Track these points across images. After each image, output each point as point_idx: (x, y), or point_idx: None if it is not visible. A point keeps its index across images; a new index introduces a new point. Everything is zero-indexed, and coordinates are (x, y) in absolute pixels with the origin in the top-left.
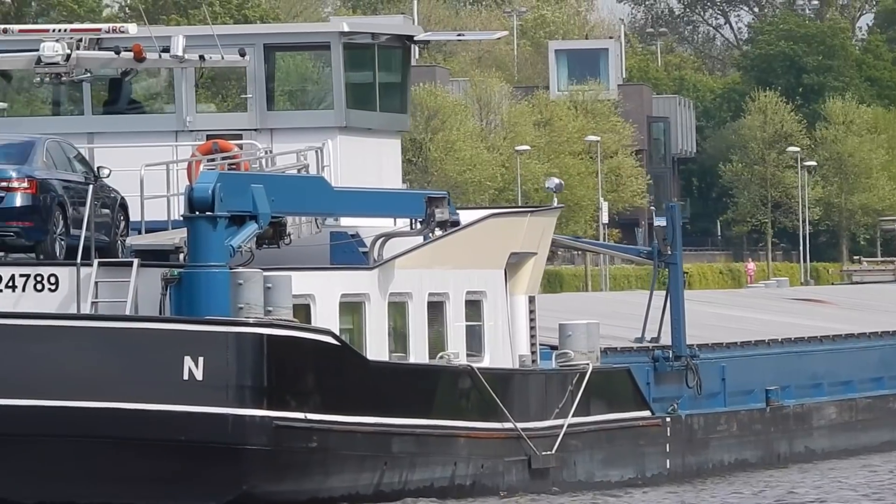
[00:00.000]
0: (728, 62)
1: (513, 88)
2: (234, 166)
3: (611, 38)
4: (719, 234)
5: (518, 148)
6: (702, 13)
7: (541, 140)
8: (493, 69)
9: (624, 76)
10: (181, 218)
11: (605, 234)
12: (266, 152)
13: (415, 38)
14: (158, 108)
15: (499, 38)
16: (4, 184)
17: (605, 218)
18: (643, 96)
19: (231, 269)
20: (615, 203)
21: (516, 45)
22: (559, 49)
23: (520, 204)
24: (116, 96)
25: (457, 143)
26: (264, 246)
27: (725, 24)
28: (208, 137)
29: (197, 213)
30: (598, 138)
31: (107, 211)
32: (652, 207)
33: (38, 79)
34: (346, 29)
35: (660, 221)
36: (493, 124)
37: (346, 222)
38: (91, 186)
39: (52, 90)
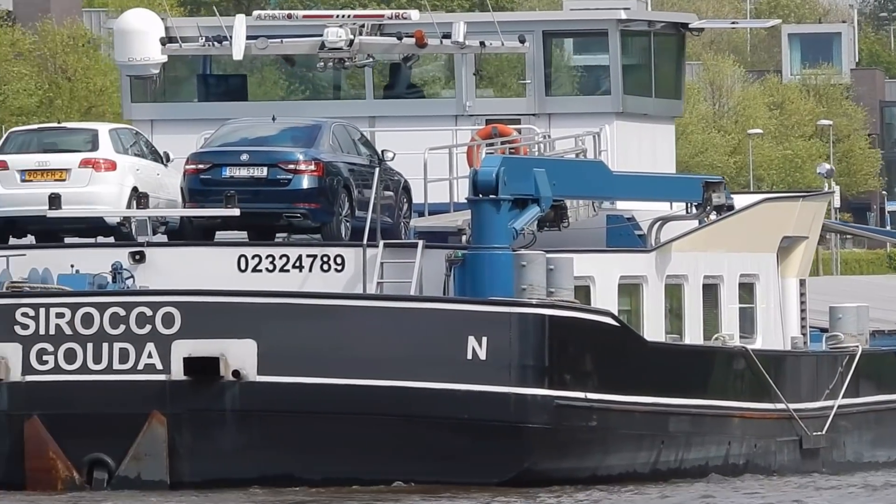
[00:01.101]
0: None
1: (745, 72)
2: (513, 151)
3: (843, 22)
4: None
5: (750, 131)
6: None
7: (772, 123)
8: (726, 53)
9: (856, 60)
10: (465, 201)
11: (836, 217)
12: (544, 137)
13: (689, 26)
14: (437, 93)
15: (772, 27)
16: (292, 166)
17: (836, 202)
18: (876, 81)
19: (514, 251)
20: (847, 187)
21: (749, 28)
22: (792, 33)
23: (751, 188)
24: (396, 81)
25: (689, 127)
26: (545, 229)
27: None
28: (487, 122)
29: (481, 196)
30: (831, 122)
31: (390, 193)
32: (884, 192)
33: (322, 64)
34: (623, 17)
35: (892, 206)
36: (726, 108)
37: (621, 205)
38: (377, 169)
39: (333, 75)
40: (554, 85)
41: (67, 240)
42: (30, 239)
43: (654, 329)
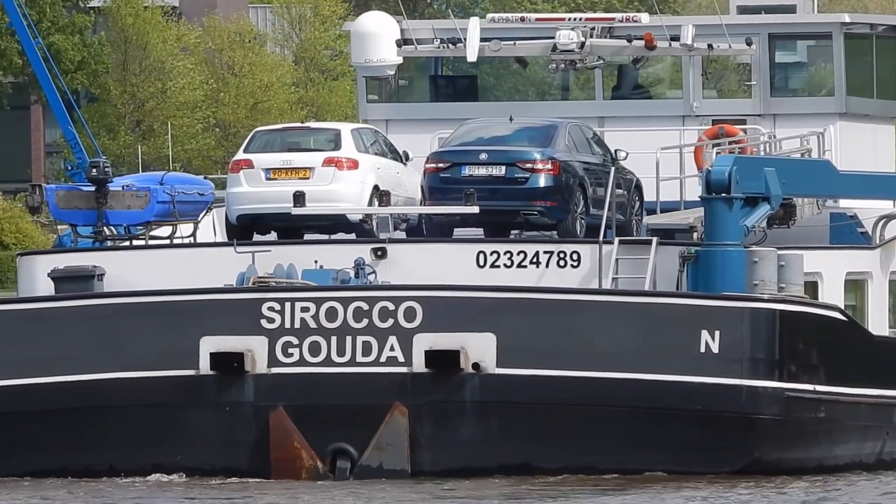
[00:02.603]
0: None
1: None
2: (740, 151)
3: None
4: None
5: None
6: None
7: None
8: None
9: None
10: (695, 199)
11: None
12: (770, 137)
13: None
14: (663, 94)
15: None
16: (529, 165)
17: None
18: None
19: (745, 247)
20: None
21: None
22: None
23: None
24: (623, 82)
25: None
26: (774, 226)
27: None
28: (713, 122)
29: (714, 194)
30: None
31: (622, 191)
32: None
33: (554, 65)
34: (847, 20)
35: None
36: None
37: (844, 203)
38: (612, 168)
39: (561, 76)
40: (778, 86)
41: (309, 236)
42: (272, 235)
43: (878, 323)
